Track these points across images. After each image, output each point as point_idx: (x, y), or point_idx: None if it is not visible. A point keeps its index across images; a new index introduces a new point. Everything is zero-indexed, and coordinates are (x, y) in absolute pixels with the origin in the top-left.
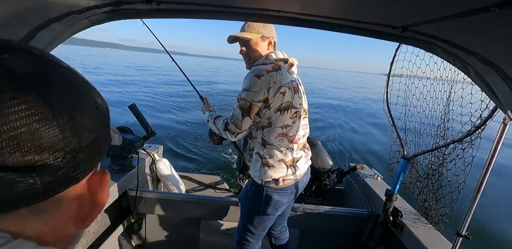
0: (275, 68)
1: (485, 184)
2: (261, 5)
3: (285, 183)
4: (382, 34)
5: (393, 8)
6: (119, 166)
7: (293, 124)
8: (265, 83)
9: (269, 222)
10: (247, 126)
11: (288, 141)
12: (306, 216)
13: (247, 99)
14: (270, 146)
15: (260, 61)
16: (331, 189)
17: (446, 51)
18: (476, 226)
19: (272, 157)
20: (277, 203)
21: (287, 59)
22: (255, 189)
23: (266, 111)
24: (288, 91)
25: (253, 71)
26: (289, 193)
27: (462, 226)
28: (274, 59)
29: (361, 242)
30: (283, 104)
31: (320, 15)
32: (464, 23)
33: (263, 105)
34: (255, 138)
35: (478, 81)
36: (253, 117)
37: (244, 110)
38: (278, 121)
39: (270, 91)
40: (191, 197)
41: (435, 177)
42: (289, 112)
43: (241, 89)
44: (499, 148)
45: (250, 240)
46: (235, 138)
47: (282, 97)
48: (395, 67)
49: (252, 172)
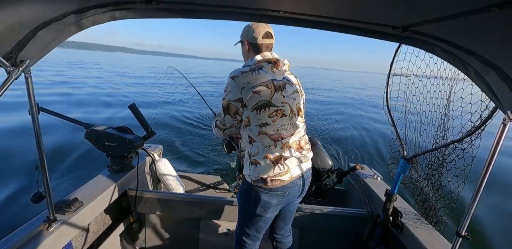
0: (253, 68)
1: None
2: (261, 5)
3: (274, 184)
4: (382, 34)
5: (393, 8)
6: (119, 166)
7: (273, 123)
8: (239, 83)
9: (262, 224)
10: (230, 123)
11: (270, 139)
12: (306, 216)
13: (225, 99)
14: (255, 143)
15: (245, 63)
16: (331, 189)
17: (446, 51)
18: (476, 226)
19: (258, 154)
20: (266, 204)
21: (270, 59)
22: (246, 188)
23: (244, 110)
24: (266, 89)
25: (230, 73)
26: (279, 195)
27: (462, 226)
28: (257, 60)
29: (361, 242)
30: (259, 102)
31: (320, 15)
32: (464, 23)
33: (239, 105)
34: (243, 137)
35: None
36: (233, 116)
37: (224, 109)
38: (255, 119)
39: (243, 91)
40: (191, 197)
41: (435, 177)
42: (267, 110)
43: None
44: (499, 148)
45: (246, 241)
46: (224, 134)
47: (257, 96)
48: (395, 67)
49: (244, 171)
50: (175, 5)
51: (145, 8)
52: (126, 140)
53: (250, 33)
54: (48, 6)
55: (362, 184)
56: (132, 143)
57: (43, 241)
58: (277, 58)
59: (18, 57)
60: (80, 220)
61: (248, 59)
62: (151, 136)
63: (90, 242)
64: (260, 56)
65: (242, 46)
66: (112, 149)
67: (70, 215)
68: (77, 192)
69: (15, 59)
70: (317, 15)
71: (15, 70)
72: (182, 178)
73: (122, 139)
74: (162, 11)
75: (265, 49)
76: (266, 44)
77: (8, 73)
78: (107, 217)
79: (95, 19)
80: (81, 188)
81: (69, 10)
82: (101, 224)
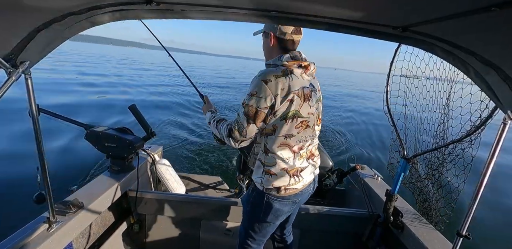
0: (286, 72)
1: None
2: (261, 5)
3: (287, 192)
4: (382, 34)
5: (393, 8)
6: (119, 167)
7: (297, 134)
8: (273, 89)
9: (270, 229)
10: (252, 134)
11: (290, 151)
12: (306, 216)
13: (253, 105)
14: (272, 155)
15: (271, 61)
16: (331, 189)
17: (446, 51)
18: (477, 226)
19: (274, 166)
20: (278, 212)
21: (301, 62)
22: (256, 195)
23: (272, 118)
24: (297, 98)
25: (260, 75)
26: (291, 202)
27: (462, 226)
28: (287, 60)
29: (361, 242)
30: (289, 112)
31: (320, 15)
32: (464, 23)
33: (269, 112)
34: (259, 143)
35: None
36: (259, 124)
37: (250, 117)
38: (282, 129)
39: (277, 98)
40: (191, 197)
41: (435, 177)
42: (295, 121)
43: (247, 93)
44: (499, 148)
45: (251, 245)
46: (238, 145)
47: (289, 105)
48: (395, 67)
49: (254, 178)
50: (175, 6)
51: (145, 9)
52: (126, 141)
53: (279, 25)
54: (48, 7)
55: (363, 184)
56: (132, 144)
57: (43, 242)
58: (309, 63)
59: (18, 58)
60: (81, 221)
61: (271, 54)
62: (151, 137)
63: (90, 243)
64: (289, 56)
65: (265, 38)
66: (113, 150)
67: (71, 216)
68: (78, 193)
69: (15, 60)
70: (317, 15)
71: (15, 71)
72: (183, 178)
73: (123, 140)
74: (162, 11)
75: (291, 46)
76: (295, 40)
77: (8, 74)
78: (107, 218)
79: (95, 20)
80: (82, 189)
81: (69, 11)
82: (102, 225)
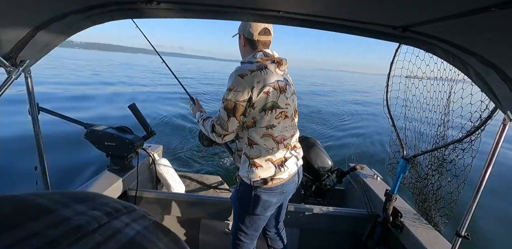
0: (260, 67)
1: (484, 185)
2: (261, 5)
3: (274, 183)
4: (382, 34)
5: (393, 8)
6: (119, 166)
7: (278, 124)
8: (249, 82)
9: (261, 222)
10: (233, 127)
11: (273, 141)
12: (306, 216)
13: (231, 99)
14: (256, 146)
15: (246, 59)
16: (331, 189)
17: (446, 51)
18: (476, 227)
19: (259, 157)
20: (266, 203)
21: (274, 58)
22: (244, 189)
23: (251, 110)
24: (273, 90)
25: (237, 70)
26: (278, 193)
27: (462, 227)
28: (260, 57)
29: (360, 242)
30: (267, 104)
31: (320, 15)
32: (464, 23)
33: (247, 105)
34: (242, 138)
35: (478, 82)
36: (239, 118)
37: (229, 111)
38: (262, 121)
39: (254, 91)
40: (191, 197)
41: (434, 177)
42: (274, 112)
43: (226, 89)
44: (499, 148)
45: (243, 240)
46: (222, 140)
47: (266, 97)
48: (395, 67)
49: (241, 173)
50: (175, 5)
51: (145, 8)
52: (126, 140)
53: (247, 28)
54: (48, 6)
55: (362, 184)
56: (132, 143)
57: None
58: (280, 58)
59: (18, 57)
60: None
61: (245, 53)
62: (151, 136)
63: None
64: (262, 53)
65: (238, 39)
66: (112, 149)
67: None
68: None
69: (15, 59)
70: (317, 15)
71: (15, 70)
72: (182, 178)
73: (122, 139)
74: (162, 11)
75: (261, 46)
76: (263, 41)
77: (8, 73)
78: None
79: (95, 19)
80: (81, 188)
81: (69, 10)
82: None
